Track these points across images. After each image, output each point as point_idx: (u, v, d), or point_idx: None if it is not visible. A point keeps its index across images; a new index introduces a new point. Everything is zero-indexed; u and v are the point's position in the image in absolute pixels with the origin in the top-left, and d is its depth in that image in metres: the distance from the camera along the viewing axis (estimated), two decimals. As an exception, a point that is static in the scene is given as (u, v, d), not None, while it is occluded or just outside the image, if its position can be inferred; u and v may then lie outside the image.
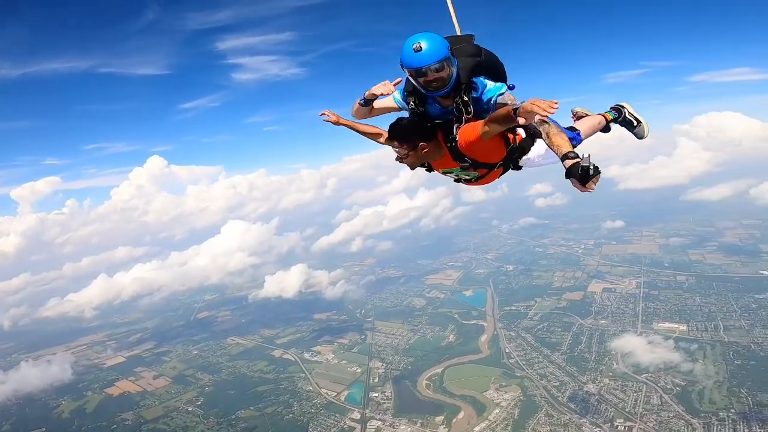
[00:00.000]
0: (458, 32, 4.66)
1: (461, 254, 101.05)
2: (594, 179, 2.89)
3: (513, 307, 66.22)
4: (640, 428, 37.40)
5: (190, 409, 51.31)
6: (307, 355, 61.58)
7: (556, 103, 2.92)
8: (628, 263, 76.24)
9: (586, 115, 5.12)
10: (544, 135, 3.49)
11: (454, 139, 3.98)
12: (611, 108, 5.20)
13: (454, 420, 42.45)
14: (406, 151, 4.00)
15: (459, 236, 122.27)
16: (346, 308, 78.33)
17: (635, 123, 5.16)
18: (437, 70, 3.77)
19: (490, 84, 4.09)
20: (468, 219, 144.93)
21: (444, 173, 4.42)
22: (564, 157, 3.17)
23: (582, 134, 4.66)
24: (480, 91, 4.08)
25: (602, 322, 56.92)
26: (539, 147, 4.29)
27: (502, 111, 3.42)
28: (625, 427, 37.92)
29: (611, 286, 67.49)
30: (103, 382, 60.99)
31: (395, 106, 4.44)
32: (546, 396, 43.58)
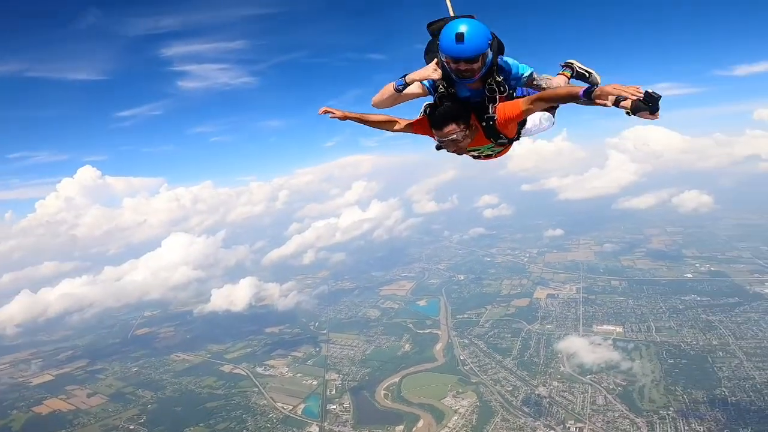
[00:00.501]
0: (451, 13, 4.51)
1: (414, 265, 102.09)
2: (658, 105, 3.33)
3: (465, 315, 67.58)
4: (590, 429, 38.93)
5: (131, 427, 47.68)
6: (259, 369, 59.02)
7: (639, 88, 3.21)
8: (568, 270, 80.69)
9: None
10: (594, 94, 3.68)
11: (491, 117, 4.15)
12: (562, 66, 5.45)
13: (414, 429, 42.16)
14: (464, 132, 4.09)
15: (411, 247, 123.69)
16: (300, 321, 76.21)
17: (587, 75, 5.38)
18: (472, 62, 3.87)
19: (513, 62, 4.39)
20: (420, 230, 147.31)
21: (468, 150, 4.57)
22: (617, 102, 3.55)
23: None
24: (508, 71, 4.33)
25: (548, 326, 59.43)
26: (533, 118, 4.74)
27: (564, 90, 3.75)
28: (576, 428, 39.34)
29: (554, 292, 70.89)
30: (30, 400, 55.71)
31: (422, 91, 4.42)
32: (501, 401, 44.47)
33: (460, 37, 3.69)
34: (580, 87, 3.64)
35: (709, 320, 53.94)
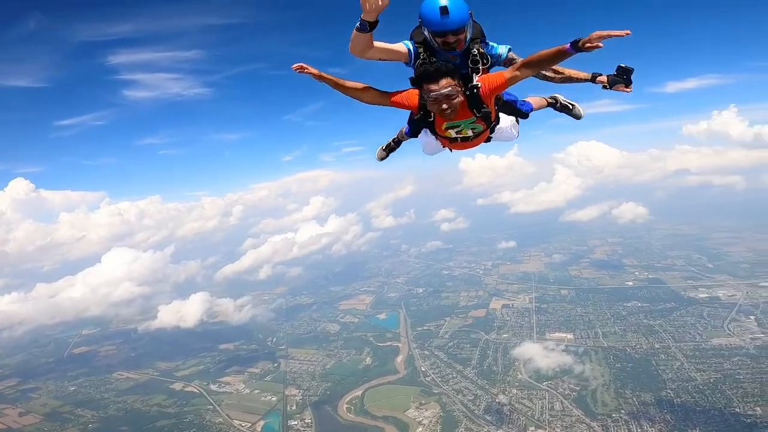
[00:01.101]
0: None
1: (373, 279, 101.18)
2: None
3: (425, 327, 67.59)
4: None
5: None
6: (214, 387, 55.73)
7: (629, 31, 3.31)
8: (521, 281, 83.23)
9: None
10: (560, 74, 4.47)
11: (475, 86, 4.07)
12: (549, 98, 5.62)
13: (379, 442, 41.22)
14: (458, 88, 3.96)
15: (370, 262, 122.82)
16: (256, 337, 72.89)
17: (571, 107, 5.53)
18: (458, 34, 3.99)
19: (490, 44, 4.52)
20: (378, 245, 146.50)
21: (447, 128, 4.44)
22: (594, 78, 4.23)
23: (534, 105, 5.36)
24: (489, 46, 4.48)
25: (504, 335, 60.57)
26: (506, 119, 4.89)
27: (553, 50, 3.71)
28: (537, 434, 39.92)
29: (509, 303, 72.63)
30: (-47, 419, 48.80)
31: (404, 52, 4.34)
32: (464, 410, 44.44)
33: (444, 10, 3.80)
34: (565, 44, 3.58)
35: (650, 325, 57.13)
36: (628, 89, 3.98)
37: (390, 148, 6.17)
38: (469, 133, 4.52)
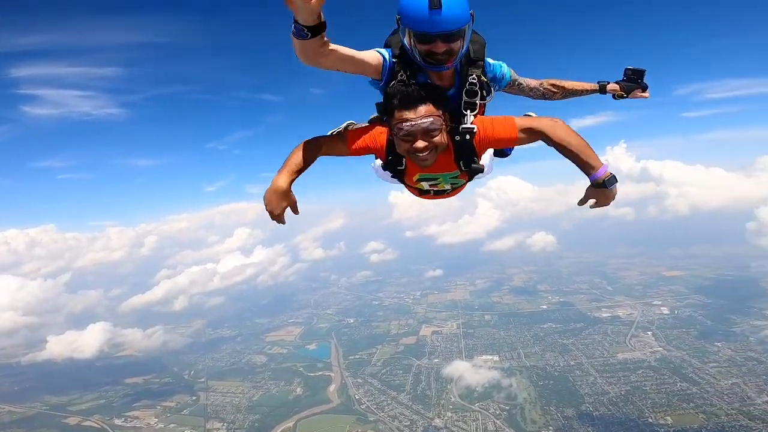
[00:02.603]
0: None
1: (302, 311, 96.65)
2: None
3: (357, 356, 65.44)
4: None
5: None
6: (119, 421, 48.65)
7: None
8: (449, 308, 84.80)
9: None
10: (561, 89, 3.52)
11: (468, 130, 2.83)
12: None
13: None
14: (441, 120, 2.70)
15: (299, 294, 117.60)
16: (170, 370, 64.86)
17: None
18: (449, 41, 2.60)
19: (494, 62, 3.18)
20: (307, 277, 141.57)
21: (420, 180, 3.24)
22: (603, 88, 3.55)
23: None
24: (490, 65, 3.13)
25: (435, 360, 60.52)
26: (485, 158, 3.41)
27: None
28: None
29: (438, 329, 73.31)
30: None
31: (375, 63, 2.87)
32: (401, 436, 42.61)
33: (435, 2, 2.42)
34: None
35: (564, 344, 60.55)
36: (645, 94, 3.48)
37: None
38: (447, 187, 3.38)
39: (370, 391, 53.66)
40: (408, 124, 2.61)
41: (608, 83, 3.53)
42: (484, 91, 2.94)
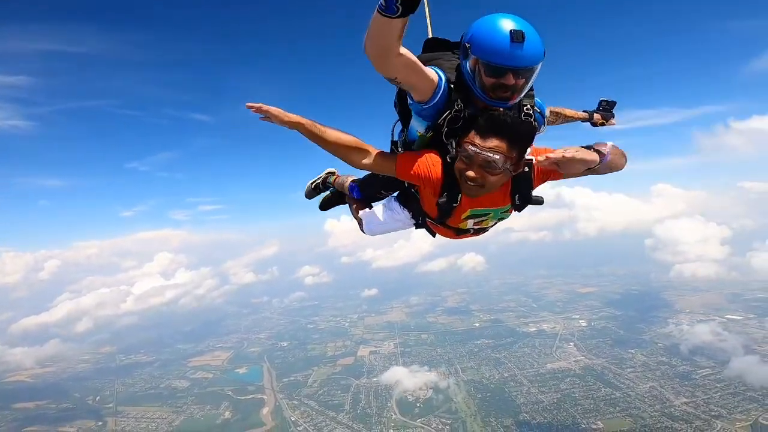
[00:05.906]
0: (430, 34, 3.10)
1: (231, 336, 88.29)
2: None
3: (292, 378, 60.45)
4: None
5: None
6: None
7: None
8: (386, 330, 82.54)
9: None
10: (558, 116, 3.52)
11: (527, 162, 2.57)
12: None
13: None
14: (509, 158, 2.38)
15: (228, 319, 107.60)
16: (71, 395, 54.71)
17: None
18: (520, 77, 2.36)
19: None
20: (237, 303, 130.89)
21: (468, 217, 2.83)
22: (591, 116, 3.67)
23: None
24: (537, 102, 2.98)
25: (374, 379, 57.73)
26: None
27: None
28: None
29: (376, 349, 70.65)
30: None
31: (431, 83, 2.46)
32: (343, 456, 38.63)
33: (518, 35, 2.19)
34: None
35: (498, 357, 60.83)
36: (613, 122, 3.75)
37: (318, 190, 4.34)
38: (492, 223, 3.01)
39: (306, 412, 49.25)
40: (472, 148, 2.36)
41: (595, 112, 3.68)
42: (536, 123, 2.73)
